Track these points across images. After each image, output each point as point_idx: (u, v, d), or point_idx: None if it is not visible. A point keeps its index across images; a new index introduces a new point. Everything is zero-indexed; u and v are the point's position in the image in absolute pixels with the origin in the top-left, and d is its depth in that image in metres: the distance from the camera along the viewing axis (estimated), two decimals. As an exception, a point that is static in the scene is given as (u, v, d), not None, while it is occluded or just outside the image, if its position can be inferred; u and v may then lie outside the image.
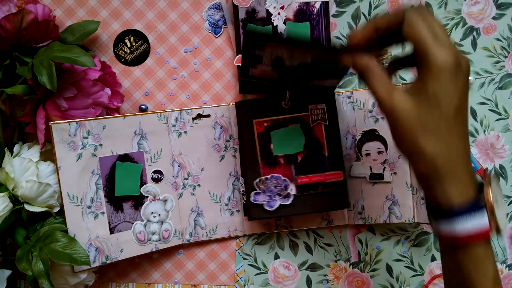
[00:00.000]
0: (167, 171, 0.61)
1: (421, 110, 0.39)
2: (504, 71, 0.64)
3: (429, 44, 0.38)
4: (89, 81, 0.56)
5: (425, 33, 0.38)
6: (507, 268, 0.65)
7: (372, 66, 0.42)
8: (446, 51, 0.38)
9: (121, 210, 0.59)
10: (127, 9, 0.64)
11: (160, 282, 0.64)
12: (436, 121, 0.39)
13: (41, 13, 0.57)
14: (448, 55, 0.38)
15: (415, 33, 0.39)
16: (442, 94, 0.38)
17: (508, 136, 0.64)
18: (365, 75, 0.42)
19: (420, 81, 0.39)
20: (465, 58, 0.40)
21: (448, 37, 0.39)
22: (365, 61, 0.42)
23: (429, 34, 0.38)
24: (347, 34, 0.64)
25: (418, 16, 0.39)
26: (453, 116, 0.39)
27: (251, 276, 0.65)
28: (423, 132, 0.39)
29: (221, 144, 0.62)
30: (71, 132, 0.57)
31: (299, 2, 0.60)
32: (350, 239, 0.65)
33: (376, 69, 0.42)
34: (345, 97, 0.62)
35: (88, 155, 0.58)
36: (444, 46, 0.38)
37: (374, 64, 0.42)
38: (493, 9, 0.64)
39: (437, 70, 0.38)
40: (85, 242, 0.57)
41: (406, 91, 0.40)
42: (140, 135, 0.60)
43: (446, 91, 0.38)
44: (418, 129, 0.39)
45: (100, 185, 0.58)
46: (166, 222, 0.61)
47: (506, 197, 0.65)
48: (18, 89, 0.55)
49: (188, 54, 0.65)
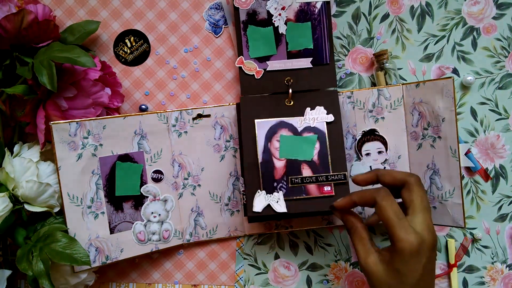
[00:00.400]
0: (167, 171, 0.61)
1: (388, 276, 0.48)
2: (504, 71, 0.64)
3: (394, 228, 0.46)
4: (89, 81, 0.56)
5: (392, 216, 0.47)
6: (507, 268, 0.65)
7: (356, 227, 0.51)
8: (408, 236, 0.46)
9: (121, 210, 0.59)
10: (127, 9, 0.64)
11: (160, 282, 0.64)
12: (399, 286, 0.47)
13: (41, 13, 0.57)
14: (410, 240, 0.46)
15: (384, 218, 0.48)
16: (405, 270, 0.46)
17: (508, 136, 0.64)
18: (350, 233, 0.52)
19: (390, 253, 0.48)
20: (430, 236, 0.47)
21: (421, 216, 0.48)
22: (351, 222, 0.52)
23: (395, 217, 0.47)
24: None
25: (386, 202, 0.48)
26: (416, 285, 0.47)
27: (251, 276, 0.65)
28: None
29: (221, 144, 0.62)
30: (71, 132, 0.57)
31: (300, 2, 0.60)
32: (350, 239, 0.65)
33: (359, 227, 0.51)
34: (345, 97, 0.62)
35: (88, 155, 0.58)
36: (405, 230, 0.46)
37: (359, 226, 0.51)
38: (493, 9, 0.64)
39: (400, 251, 0.46)
40: (85, 242, 0.57)
41: (380, 256, 0.49)
42: (140, 135, 0.60)
43: (408, 267, 0.46)
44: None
45: (100, 185, 0.58)
46: (166, 222, 0.61)
47: (506, 197, 0.65)
48: (18, 89, 0.55)
49: (188, 54, 0.65)
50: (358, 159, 0.62)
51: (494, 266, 0.65)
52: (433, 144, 0.60)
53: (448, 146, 0.58)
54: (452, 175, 0.58)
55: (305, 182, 0.58)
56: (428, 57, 0.64)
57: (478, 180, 0.65)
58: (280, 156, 0.58)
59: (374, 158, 0.62)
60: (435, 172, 0.60)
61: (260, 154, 0.58)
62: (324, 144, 0.58)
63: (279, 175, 0.58)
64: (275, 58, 0.61)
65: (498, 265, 0.65)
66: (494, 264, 0.65)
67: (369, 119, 0.62)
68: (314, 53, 0.61)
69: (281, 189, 0.57)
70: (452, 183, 0.58)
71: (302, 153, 0.58)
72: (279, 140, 0.59)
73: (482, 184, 0.65)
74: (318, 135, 0.59)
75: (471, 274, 0.65)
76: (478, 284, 0.65)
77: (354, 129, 0.63)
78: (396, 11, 0.64)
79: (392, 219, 0.47)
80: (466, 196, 0.65)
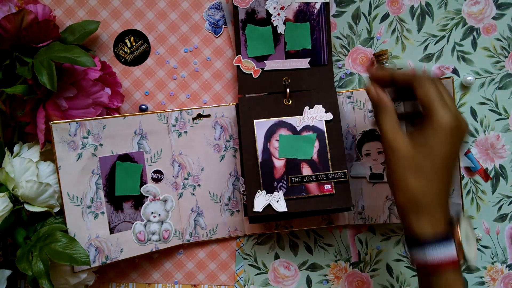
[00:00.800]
0: (167, 171, 0.61)
1: (416, 153, 0.46)
2: (504, 71, 0.64)
3: (436, 105, 0.45)
4: (89, 81, 0.56)
5: (434, 96, 0.45)
6: (507, 268, 0.65)
7: (385, 101, 0.48)
8: (449, 114, 0.45)
9: (121, 210, 0.59)
10: (127, 9, 0.64)
11: (160, 282, 0.64)
12: (426, 165, 0.45)
13: (41, 13, 0.57)
14: (450, 117, 0.44)
15: (426, 95, 0.45)
16: (437, 147, 0.45)
17: (508, 136, 0.64)
18: (377, 108, 0.49)
19: (422, 131, 0.46)
20: (465, 122, 0.46)
21: (454, 103, 0.47)
22: (380, 94, 0.49)
23: (437, 98, 0.45)
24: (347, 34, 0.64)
25: (431, 82, 0.46)
26: (441, 165, 0.45)
27: (251, 276, 0.65)
28: (412, 170, 0.46)
29: (221, 144, 0.62)
30: (71, 132, 0.57)
31: (299, 2, 0.60)
32: (350, 239, 0.65)
33: (389, 105, 0.48)
34: (345, 97, 0.62)
35: (88, 155, 0.58)
36: (449, 109, 0.45)
37: (387, 100, 0.48)
38: (493, 9, 0.64)
39: (438, 127, 0.45)
40: (85, 242, 0.57)
41: (409, 135, 0.47)
42: (140, 135, 0.60)
43: (441, 145, 0.45)
44: (409, 167, 0.46)
45: (100, 185, 0.58)
46: (166, 222, 0.61)
47: (506, 197, 0.65)
48: (18, 89, 0.55)
49: (188, 54, 0.65)
50: (358, 159, 0.62)
51: (494, 266, 0.65)
52: (433, 144, 0.60)
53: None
54: (452, 175, 0.58)
55: (305, 181, 0.58)
56: (428, 57, 0.64)
57: (478, 180, 0.65)
58: (279, 156, 0.58)
59: (374, 158, 0.62)
60: (435, 172, 0.60)
61: (260, 154, 0.58)
62: (324, 143, 0.58)
63: (279, 175, 0.58)
64: (273, 57, 0.61)
65: (498, 265, 0.65)
66: (494, 264, 0.65)
67: (369, 119, 0.62)
68: (312, 53, 0.61)
69: (281, 189, 0.57)
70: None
71: (302, 152, 0.58)
72: (278, 140, 0.59)
73: (482, 184, 0.65)
74: (317, 133, 0.59)
75: (471, 274, 0.65)
76: (478, 284, 0.65)
77: (354, 129, 0.63)
78: (396, 11, 0.64)
79: (434, 97, 0.45)
80: (466, 196, 0.65)
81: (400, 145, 0.46)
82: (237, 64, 0.61)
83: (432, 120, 0.45)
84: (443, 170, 0.45)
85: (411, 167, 0.46)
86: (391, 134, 0.47)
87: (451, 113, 0.45)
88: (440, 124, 0.44)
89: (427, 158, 0.45)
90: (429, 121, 0.45)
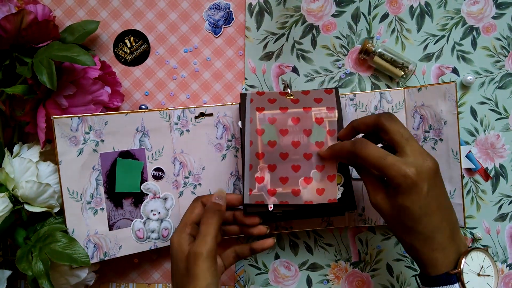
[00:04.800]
0: (168, 169, 0.61)
1: (395, 211, 0.47)
2: (504, 70, 0.64)
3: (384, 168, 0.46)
4: (89, 79, 0.56)
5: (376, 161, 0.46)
6: (507, 268, 0.65)
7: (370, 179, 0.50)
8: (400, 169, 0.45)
9: (120, 207, 0.59)
10: (127, 9, 0.64)
11: (160, 282, 0.64)
12: (408, 221, 0.46)
13: (41, 13, 0.57)
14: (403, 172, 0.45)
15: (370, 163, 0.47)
16: (407, 203, 0.46)
17: (508, 135, 0.64)
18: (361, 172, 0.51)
19: (393, 191, 0.47)
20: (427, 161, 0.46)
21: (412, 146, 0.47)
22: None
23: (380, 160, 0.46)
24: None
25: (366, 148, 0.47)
26: (422, 216, 0.46)
27: (251, 276, 0.65)
28: (399, 228, 0.48)
29: (223, 144, 0.62)
30: (73, 127, 0.57)
31: None
32: (350, 239, 0.65)
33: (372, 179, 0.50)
34: (348, 99, 0.62)
35: (89, 151, 0.58)
36: (397, 166, 0.45)
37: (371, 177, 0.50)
38: (493, 8, 0.64)
39: (397, 187, 0.46)
40: (84, 238, 0.57)
41: (387, 193, 0.48)
42: (142, 132, 0.60)
43: (410, 200, 0.45)
44: (395, 225, 0.48)
45: (100, 181, 0.58)
46: (166, 220, 0.61)
47: (506, 196, 0.65)
48: (18, 89, 0.55)
49: (188, 54, 0.65)
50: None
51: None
52: (434, 146, 0.60)
53: (449, 148, 0.58)
54: (453, 175, 0.58)
55: None
56: (428, 56, 0.64)
57: (478, 180, 0.65)
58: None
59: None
60: (435, 173, 0.60)
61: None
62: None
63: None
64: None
65: (498, 265, 0.65)
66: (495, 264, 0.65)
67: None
68: None
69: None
70: (453, 184, 0.58)
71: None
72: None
73: (482, 184, 0.65)
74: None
75: (472, 273, 0.65)
76: (479, 284, 0.65)
77: (355, 130, 0.63)
78: (395, 11, 0.64)
79: (378, 161, 0.46)
80: (466, 195, 0.65)
81: (383, 207, 0.48)
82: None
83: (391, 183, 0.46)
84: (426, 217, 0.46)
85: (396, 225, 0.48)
86: (373, 196, 0.49)
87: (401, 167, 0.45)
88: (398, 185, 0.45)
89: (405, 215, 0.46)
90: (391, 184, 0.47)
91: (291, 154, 0.56)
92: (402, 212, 0.46)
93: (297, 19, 0.64)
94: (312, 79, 0.65)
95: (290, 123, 0.56)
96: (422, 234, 0.46)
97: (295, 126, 0.56)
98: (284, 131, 0.56)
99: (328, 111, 0.56)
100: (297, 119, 0.56)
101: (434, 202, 0.46)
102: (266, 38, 0.64)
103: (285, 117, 0.56)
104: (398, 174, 0.45)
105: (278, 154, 0.56)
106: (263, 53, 0.64)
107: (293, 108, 0.57)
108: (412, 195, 0.45)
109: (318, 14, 0.64)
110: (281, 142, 0.56)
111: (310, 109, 0.56)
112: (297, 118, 0.56)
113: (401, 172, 0.45)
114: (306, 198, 0.55)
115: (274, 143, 0.56)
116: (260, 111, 0.57)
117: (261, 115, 0.57)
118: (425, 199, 0.45)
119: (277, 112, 0.57)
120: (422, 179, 0.45)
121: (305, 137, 0.56)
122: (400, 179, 0.45)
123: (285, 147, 0.56)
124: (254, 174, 0.56)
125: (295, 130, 0.56)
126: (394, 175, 0.45)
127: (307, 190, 0.55)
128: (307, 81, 0.65)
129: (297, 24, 0.64)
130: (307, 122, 0.56)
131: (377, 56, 0.62)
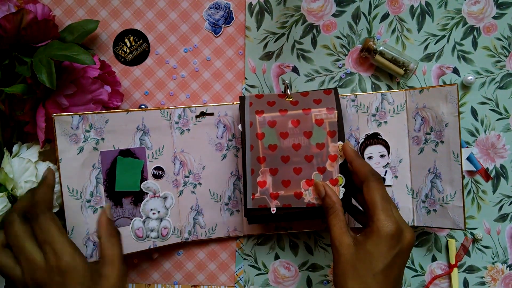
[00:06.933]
0: (168, 168, 0.61)
1: (358, 259, 0.47)
2: (505, 70, 0.64)
3: (379, 210, 0.48)
4: (88, 79, 0.55)
5: (378, 200, 0.48)
6: (507, 268, 0.65)
7: (334, 202, 0.51)
8: (391, 219, 0.47)
9: (120, 206, 0.59)
10: (127, 9, 0.64)
11: (159, 282, 0.64)
12: (366, 272, 0.47)
13: (41, 12, 0.57)
14: (391, 223, 0.47)
15: (372, 198, 0.49)
16: (376, 253, 0.47)
17: (508, 135, 0.64)
18: (329, 212, 0.51)
19: (364, 235, 0.48)
20: (409, 235, 0.48)
21: (398, 211, 0.50)
22: (331, 196, 0.52)
23: (382, 204, 0.48)
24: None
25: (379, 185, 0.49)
26: (381, 273, 0.47)
27: (251, 276, 0.64)
28: (352, 275, 0.47)
29: (223, 143, 0.62)
30: (73, 125, 0.56)
31: None
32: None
33: (337, 207, 0.51)
34: (349, 101, 0.62)
35: (89, 149, 0.57)
36: (390, 215, 0.47)
37: (337, 201, 0.51)
38: (494, 8, 0.64)
39: (377, 231, 0.47)
40: (83, 236, 0.57)
41: (354, 239, 0.49)
42: (143, 131, 0.60)
43: (380, 250, 0.47)
44: (349, 271, 0.47)
45: (100, 179, 0.58)
46: (165, 219, 0.60)
47: (507, 197, 0.65)
48: (17, 88, 0.55)
49: (188, 54, 0.64)
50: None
51: (494, 266, 0.65)
52: (435, 148, 0.59)
53: (450, 151, 0.58)
54: (453, 178, 0.58)
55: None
56: (428, 56, 0.64)
57: (478, 180, 0.65)
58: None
59: (376, 162, 0.62)
60: (436, 176, 0.59)
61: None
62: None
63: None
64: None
65: (498, 265, 0.65)
66: (495, 264, 0.65)
67: (372, 123, 0.62)
68: None
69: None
70: (453, 186, 0.58)
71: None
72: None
73: (482, 184, 0.65)
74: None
75: (472, 274, 0.65)
76: (479, 284, 0.65)
77: (357, 132, 0.62)
78: (396, 10, 0.64)
79: (379, 201, 0.48)
80: (467, 196, 0.65)
81: (344, 250, 0.48)
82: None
83: (373, 225, 0.48)
84: (384, 278, 0.47)
85: (351, 271, 0.47)
86: (338, 236, 0.49)
87: (392, 219, 0.47)
88: (379, 229, 0.47)
89: (367, 265, 0.47)
90: (370, 225, 0.48)
91: (292, 157, 0.55)
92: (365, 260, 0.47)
93: (298, 19, 0.64)
94: (312, 79, 0.64)
95: (290, 125, 0.56)
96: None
97: (295, 129, 0.56)
98: (285, 134, 0.56)
99: (328, 112, 0.56)
100: (297, 121, 0.56)
101: (394, 270, 0.47)
102: (266, 37, 0.64)
103: (285, 120, 0.56)
104: (387, 222, 0.47)
105: (279, 157, 0.56)
106: (263, 53, 0.64)
107: (292, 110, 0.57)
108: (384, 248, 0.47)
109: (319, 14, 0.64)
110: (281, 145, 0.56)
111: (309, 110, 0.56)
112: (297, 120, 0.56)
113: (391, 223, 0.47)
114: (308, 200, 0.55)
115: (275, 146, 0.56)
116: (260, 114, 0.57)
117: (260, 118, 0.57)
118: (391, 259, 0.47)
119: (277, 114, 0.57)
120: (399, 243, 0.47)
121: (305, 139, 0.56)
122: (386, 226, 0.47)
123: (286, 150, 0.56)
124: (256, 178, 0.56)
125: (295, 133, 0.56)
126: (384, 219, 0.47)
127: (309, 192, 0.55)
128: (307, 81, 0.64)
129: (297, 23, 0.64)
130: (307, 124, 0.56)
131: (378, 54, 0.62)
